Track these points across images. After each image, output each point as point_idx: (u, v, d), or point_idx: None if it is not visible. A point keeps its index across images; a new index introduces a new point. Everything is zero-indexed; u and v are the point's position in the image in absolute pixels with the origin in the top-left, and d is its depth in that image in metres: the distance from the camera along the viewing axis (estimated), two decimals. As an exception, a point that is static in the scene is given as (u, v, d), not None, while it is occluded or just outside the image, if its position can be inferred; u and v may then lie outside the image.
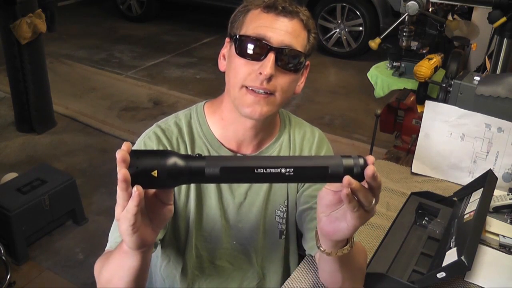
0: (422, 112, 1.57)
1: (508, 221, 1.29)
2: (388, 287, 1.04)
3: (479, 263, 1.16)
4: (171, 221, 1.06)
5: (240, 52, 0.96)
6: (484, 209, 1.17)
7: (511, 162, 1.46)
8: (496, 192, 1.33)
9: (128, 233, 0.72)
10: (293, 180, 0.74)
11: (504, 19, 1.55)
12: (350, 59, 5.08)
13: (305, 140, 1.14)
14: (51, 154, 3.26)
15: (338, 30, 5.07)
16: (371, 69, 1.90)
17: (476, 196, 1.23)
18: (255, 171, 0.71)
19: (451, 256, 1.03)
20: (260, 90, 0.96)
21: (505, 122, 1.44)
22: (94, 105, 3.99)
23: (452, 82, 1.51)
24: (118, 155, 0.67)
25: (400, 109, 1.87)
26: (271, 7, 0.96)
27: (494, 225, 1.27)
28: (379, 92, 1.84)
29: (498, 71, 1.68)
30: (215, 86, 4.30)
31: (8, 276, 2.14)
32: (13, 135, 3.45)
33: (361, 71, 3.24)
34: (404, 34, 1.76)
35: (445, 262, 1.03)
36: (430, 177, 1.57)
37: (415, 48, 1.81)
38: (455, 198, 1.36)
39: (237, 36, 0.97)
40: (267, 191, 1.10)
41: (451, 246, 1.08)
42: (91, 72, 4.69)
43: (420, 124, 1.58)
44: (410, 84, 1.76)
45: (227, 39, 1.03)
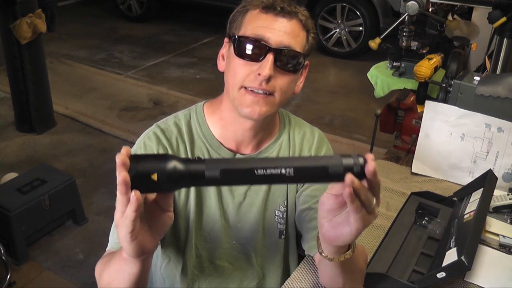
0: (422, 112, 1.57)
1: (508, 221, 1.29)
2: (388, 287, 1.04)
3: (479, 263, 1.16)
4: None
5: (239, 53, 0.96)
6: (484, 209, 1.17)
7: (511, 162, 1.46)
8: (496, 192, 1.33)
9: (127, 240, 0.72)
10: (294, 181, 0.74)
11: (504, 19, 1.55)
12: (350, 59, 5.08)
13: (305, 140, 1.14)
14: (51, 154, 3.26)
15: (338, 30, 5.07)
16: (371, 69, 1.90)
17: (476, 196, 1.23)
18: (255, 173, 0.70)
19: (451, 256, 1.03)
20: (259, 91, 0.96)
21: (505, 122, 1.44)
22: (94, 105, 3.99)
23: (452, 82, 1.51)
24: (118, 159, 0.67)
25: (400, 109, 1.86)
26: (270, 8, 0.96)
27: (494, 225, 1.27)
28: (379, 92, 1.84)
29: (498, 71, 1.68)
30: (215, 86, 4.30)
31: (8, 276, 2.14)
32: (13, 135, 3.45)
33: (361, 71, 3.24)
34: (404, 34, 1.76)
35: (445, 262, 1.03)
36: (430, 177, 1.57)
37: (415, 48, 1.81)
38: (455, 198, 1.36)
39: (236, 37, 0.97)
40: (267, 191, 1.10)
41: (451, 246, 1.08)
42: (91, 72, 4.69)
43: (420, 124, 1.58)
44: (410, 84, 1.76)
45: (226, 39, 1.03)
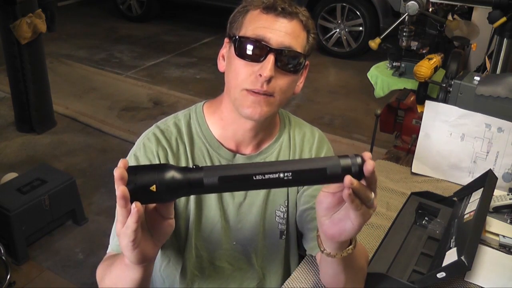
0: (422, 112, 1.57)
1: (508, 221, 1.29)
2: (388, 287, 1.04)
3: (479, 263, 1.16)
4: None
5: (240, 54, 0.96)
6: (484, 209, 1.17)
7: (511, 162, 1.46)
8: (496, 192, 1.33)
9: (129, 249, 0.72)
10: (292, 184, 0.75)
11: (504, 19, 1.55)
12: (350, 59, 5.08)
13: (305, 141, 1.14)
14: (51, 154, 3.25)
15: (338, 30, 5.07)
16: (371, 69, 1.90)
17: (476, 196, 1.23)
18: (254, 178, 0.71)
19: (451, 256, 1.03)
20: (261, 92, 0.96)
21: (505, 122, 1.44)
22: (94, 105, 3.99)
23: (452, 82, 1.51)
24: (116, 173, 0.68)
25: (400, 109, 1.86)
26: (271, 8, 0.96)
27: (494, 225, 1.27)
28: (379, 92, 1.84)
29: (498, 71, 1.68)
30: (215, 86, 4.30)
31: (8, 276, 2.13)
32: (13, 135, 3.45)
33: (361, 71, 3.24)
34: (404, 34, 1.76)
35: (445, 262, 1.03)
36: (430, 177, 1.57)
37: (415, 48, 1.81)
38: (455, 198, 1.36)
39: (237, 37, 0.97)
40: (267, 191, 1.10)
41: (451, 246, 1.08)
42: (91, 72, 4.69)
43: (420, 124, 1.58)
44: (410, 84, 1.76)
45: (226, 40, 1.03)
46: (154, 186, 0.69)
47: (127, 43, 5.50)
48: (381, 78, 1.83)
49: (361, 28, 4.95)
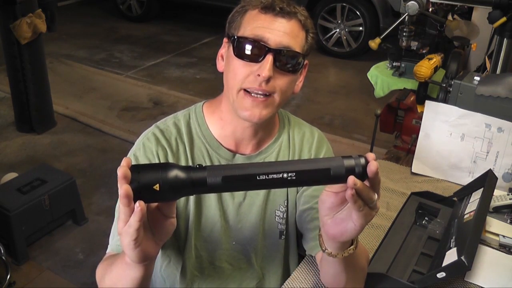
0: (422, 112, 1.57)
1: (508, 221, 1.29)
2: (388, 287, 1.04)
3: (479, 263, 1.16)
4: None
5: (238, 54, 0.96)
6: (484, 209, 1.17)
7: (511, 162, 1.46)
8: (496, 192, 1.33)
9: (130, 248, 0.72)
10: (296, 184, 0.74)
11: (504, 19, 1.55)
12: (350, 59, 5.08)
13: (305, 140, 1.14)
14: (51, 154, 3.25)
15: (338, 30, 5.07)
16: (371, 69, 1.90)
17: (476, 196, 1.23)
18: (257, 178, 0.71)
19: (451, 256, 1.03)
20: (259, 92, 0.96)
21: (505, 122, 1.44)
22: (94, 105, 3.99)
23: (452, 82, 1.51)
24: (119, 172, 0.67)
25: (400, 109, 1.86)
26: (269, 8, 0.96)
27: (494, 225, 1.27)
28: (379, 92, 1.84)
29: (498, 71, 1.68)
30: (215, 86, 4.29)
31: (8, 276, 2.13)
32: (13, 135, 3.45)
33: (361, 71, 3.24)
34: (404, 34, 1.76)
35: (445, 262, 1.03)
36: (430, 177, 1.57)
37: (415, 48, 1.81)
38: (455, 198, 1.36)
39: (235, 37, 0.97)
40: (267, 191, 1.10)
41: (451, 246, 1.08)
42: (91, 72, 4.69)
43: (420, 124, 1.58)
44: (410, 84, 1.76)
45: (225, 40, 1.03)
46: (158, 185, 0.69)
47: (127, 43, 5.50)
48: (381, 78, 1.83)
49: (361, 28, 4.95)
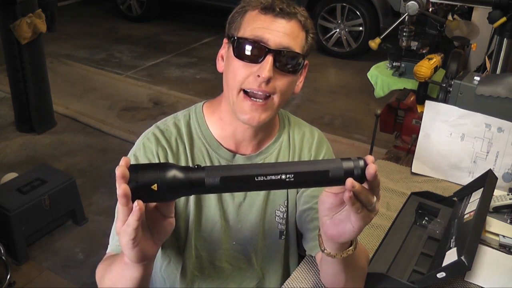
0: (422, 112, 1.57)
1: (508, 221, 1.29)
2: (388, 287, 1.04)
3: (479, 263, 1.16)
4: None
5: (238, 54, 0.96)
6: (484, 209, 1.17)
7: (511, 162, 1.46)
8: (496, 192, 1.33)
9: (129, 247, 0.72)
10: (294, 186, 0.74)
11: (504, 19, 1.55)
12: (350, 59, 5.08)
13: (305, 140, 1.14)
14: (51, 154, 3.25)
15: (338, 30, 5.07)
16: (371, 69, 1.90)
17: (476, 196, 1.23)
18: (256, 179, 0.71)
19: (451, 256, 1.03)
20: (259, 93, 0.96)
21: (505, 122, 1.44)
22: (94, 105, 3.99)
23: (452, 82, 1.51)
24: (118, 171, 0.67)
25: (400, 109, 1.86)
26: (269, 9, 0.96)
27: (494, 225, 1.27)
28: (379, 92, 1.84)
29: (498, 71, 1.68)
30: (215, 86, 4.29)
31: (8, 276, 2.13)
32: (13, 135, 3.45)
33: (361, 71, 3.24)
34: (404, 34, 1.76)
35: (445, 262, 1.03)
36: (430, 177, 1.57)
37: (415, 48, 1.81)
38: (455, 198, 1.36)
39: (235, 38, 0.97)
40: (267, 192, 1.10)
41: (451, 246, 1.08)
42: (91, 72, 4.69)
43: (420, 124, 1.58)
44: (410, 84, 1.76)
45: (225, 40, 1.03)
46: (156, 185, 0.69)
47: (127, 43, 5.50)
48: (381, 78, 1.83)
49: (361, 28, 4.95)
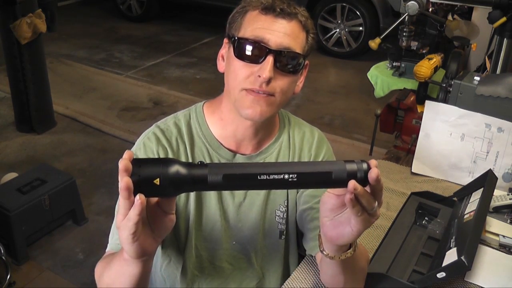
0: (422, 112, 1.57)
1: (508, 221, 1.29)
2: (388, 287, 1.04)
3: (479, 263, 1.16)
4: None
5: (239, 55, 0.96)
6: (484, 209, 1.17)
7: (511, 162, 1.46)
8: (496, 192, 1.33)
9: (129, 242, 0.72)
10: (297, 186, 0.74)
11: (504, 19, 1.55)
12: (350, 59, 5.08)
13: (305, 140, 1.14)
14: (51, 154, 3.25)
15: (338, 30, 5.07)
16: (371, 69, 1.90)
17: (476, 196, 1.23)
18: (258, 178, 0.71)
19: (451, 256, 1.03)
20: (260, 92, 0.96)
21: (505, 122, 1.44)
22: (94, 105, 3.99)
23: (452, 82, 1.51)
24: (121, 164, 0.67)
25: (400, 109, 1.86)
26: (269, 9, 0.96)
27: (494, 225, 1.27)
28: (379, 92, 1.84)
29: (498, 71, 1.68)
30: (215, 86, 4.30)
31: (8, 276, 2.13)
32: (13, 135, 3.45)
33: (361, 71, 3.24)
34: (404, 34, 1.76)
35: (445, 262, 1.03)
36: (430, 177, 1.57)
37: (415, 48, 1.81)
38: (455, 198, 1.36)
39: (236, 38, 0.97)
40: (267, 191, 1.10)
41: (451, 246, 1.08)
42: (91, 72, 4.69)
43: (420, 124, 1.58)
44: (410, 84, 1.76)
45: (226, 40, 1.03)
46: (158, 180, 0.69)
47: (127, 43, 5.50)
48: (381, 78, 1.83)
49: (361, 28, 4.95)
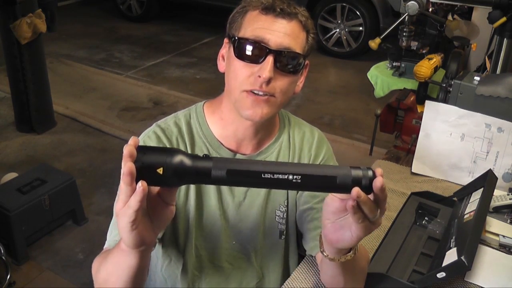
0: (422, 112, 1.57)
1: (508, 221, 1.29)
2: (388, 287, 1.04)
3: (479, 263, 1.16)
4: (171, 221, 1.06)
5: (239, 55, 0.96)
6: (484, 209, 1.17)
7: (511, 162, 1.46)
8: (496, 192, 1.33)
9: (127, 230, 0.71)
10: (300, 188, 0.73)
11: (504, 19, 1.55)
12: (350, 59, 5.08)
13: (305, 140, 1.14)
14: (51, 154, 3.25)
15: (338, 30, 5.07)
16: (371, 69, 1.90)
17: (476, 196, 1.23)
18: (262, 176, 0.70)
19: (451, 256, 1.03)
20: (260, 92, 0.96)
21: (505, 122, 1.44)
22: (94, 105, 3.99)
23: (452, 82, 1.51)
24: (125, 150, 0.67)
25: (400, 109, 1.86)
26: (270, 9, 0.96)
27: (494, 225, 1.27)
28: (379, 92, 1.84)
29: (498, 71, 1.68)
30: (215, 86, 4.30)
31: (8, 276, 2.13)
32: (13, 135, 3.45)
33: (361, 71, 3.24)
34: (404, 34, 1.76)
35: (445, 262, 1.03)
36: (430, 177, 1.57)
37: (415, 48, 1.81)
38: (455, 198, 1.36)
39: (236, 38, 0.97)
40: (267, 191, 1.10)
41: (451, 246, 1.08)
42: (91, 72, 4.69)
43: (420, 124, 1.58)
44: (410, 84, 1.76)
45: (226, 40, 1.03)
46: (161, 169, 0.68)
47: (127, 43, 5.50)
48: (381, 78, 1.83)
49: (361, 28, 4.95)
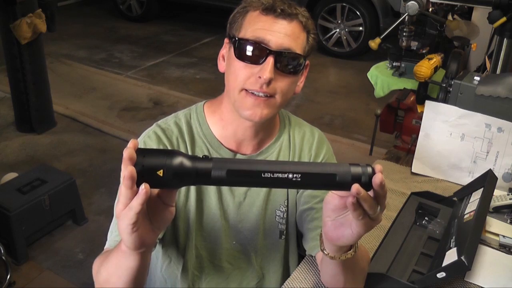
0: (422, 112, 1.57)
1: (508, 221, 1.29)
2: (388, 287, 1.04)
3: (479, 263, 1.16)
4: (171, 221, 1.06)
5: (239, 55, 0.96)
6: (484, 209, 1.17)
7: (511, 162, 1.46)
8: (496, 192, 1.33)
9: (128, 232, 0.71)
10: (300, 186, 0.73)
11: (504, 19, 1.54)
12: (350, 59, 5.09)
13: (305, 140, 1.14)
14: (51, 154, 3.26)
15: (338, 30, 5.07)
16: (371, 69, 1.90)
17: (476, 196, 1.23)
18: (262, 175, 0.70)
19: (451, 256, 1.03)
20: (260, 93, 0.96)
21: (505, 122, 1.44)
22: (94, 105, 3.99)
23: (452, 82, 1.51)
24: (125, 153, 0.67)
25: (400, 109, 1.86)
26: (270, 9, 0.96)
27: (494, 225, 1.27)
28: (379, 92, 1.84)
29: (498, 71, 1.68)
30: (215, 86, 4.30)
31: (8, 276, 2.14)
32: (13, 135, 3.45)
33: (361, 71, 3.25)
34: (404, 34, 1.76)
35: (445, 262, 1.03)
36: (430, 177, 1.57)
37: (415, 48, 1.81)
38: (455, 198, 1.36)
39: (236, 39, 0.97)
40: (267, 191, 1.10)
41: (451, 246, 1.08)
42: (91, 72, 4.69)
43: (420, 124, 1.58)
44: (410, 84, 1.76)
45: (226, 40, 1.03)
46: (161, 171, 0.68)
47: (127, 43, 5.50)
48: (381, 78, 1.83)
49: (361, 28, 4.95)
